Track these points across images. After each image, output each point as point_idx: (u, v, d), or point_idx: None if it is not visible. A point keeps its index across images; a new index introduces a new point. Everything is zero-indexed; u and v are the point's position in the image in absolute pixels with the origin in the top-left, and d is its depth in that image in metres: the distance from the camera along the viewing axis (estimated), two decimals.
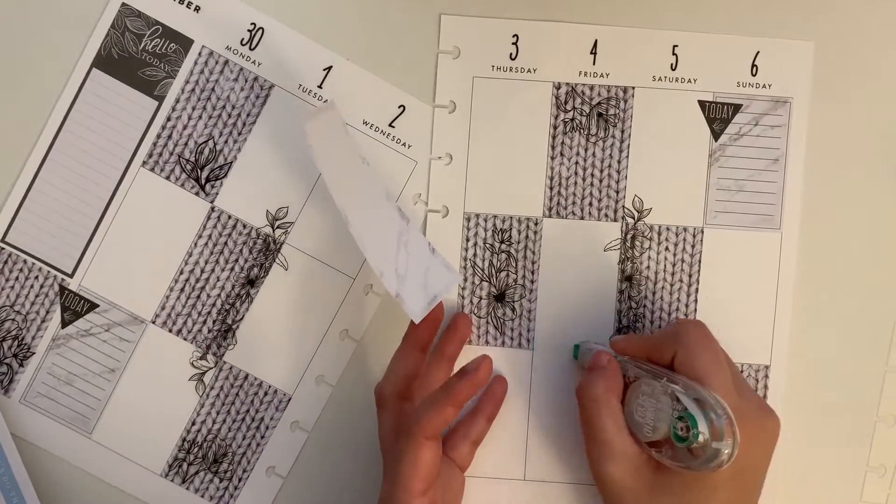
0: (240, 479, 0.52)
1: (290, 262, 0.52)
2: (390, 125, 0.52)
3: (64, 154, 0.52)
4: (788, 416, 0.51)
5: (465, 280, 0.52)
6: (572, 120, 0.51)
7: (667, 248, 0.51)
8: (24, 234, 0.52)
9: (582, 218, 0.51)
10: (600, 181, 0.51)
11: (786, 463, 0.52)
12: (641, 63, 0.51)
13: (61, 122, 0.52)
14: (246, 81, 0.52)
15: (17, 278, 0.52)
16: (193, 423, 0.52)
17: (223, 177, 0.52)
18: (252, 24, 0.51)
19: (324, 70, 0.52)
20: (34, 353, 0.52)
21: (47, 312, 0.52)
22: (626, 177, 0.51)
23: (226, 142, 0.52)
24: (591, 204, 0.51)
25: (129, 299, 0.52)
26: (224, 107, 0.52)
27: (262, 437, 0.52)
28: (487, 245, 0.51)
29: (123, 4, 0.51)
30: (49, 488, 0.52)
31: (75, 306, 0.52)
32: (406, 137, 0.52)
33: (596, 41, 0.51)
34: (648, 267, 0.51)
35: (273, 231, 0.52)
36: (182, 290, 0.52)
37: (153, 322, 0.52)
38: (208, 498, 0.52)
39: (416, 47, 0.51)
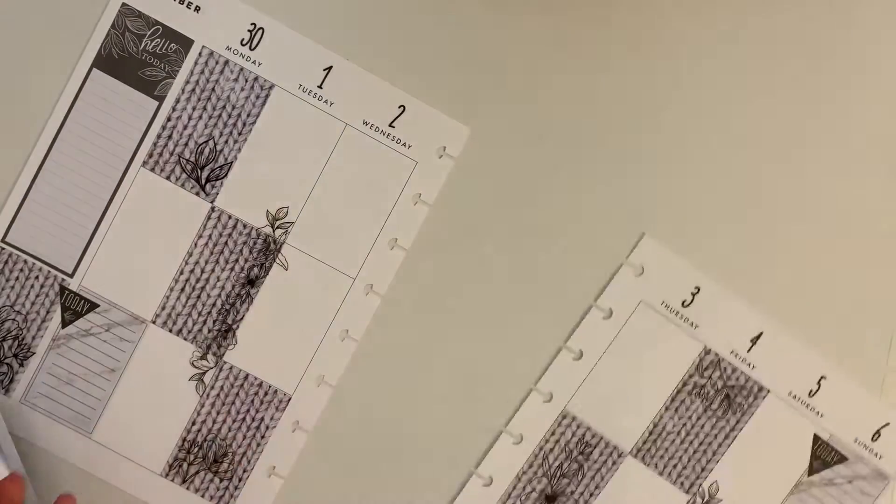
0: (240, 479, 0.52)
1: (290, 262, 0.52)
2: (390, 125, 0.52)
3: (64, 154, 0.52)
4: None
5: (529, 463, 0.52)
6: (702, 387, 0.51)
7: None
8: (24, 234, 0.52)
9: (661, 475, 0.51)
10: (693, 452, 0.51)
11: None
12: (790, 373, 0.51)
13: (61, 122, 0.52)
14: (246, 81, 0.52)
15: (17, 278, 0.52)
16: (193, 423, 0.52)
17: (223, 177, 0.52)
18: (252, 24, 0.52)
19: (324, 70, 0.52)
20: (34, 353, 0.52)
21: (47, 312, 0.52)
22: (717, 461, 0.51)
23: (226, 142, 0.52)
24: (675, 466, 0.51)
25: (129, 299, 0.52)
26: (224, 107, 0.52)
27: (263, 437, 0.52)
28: (567, 449, 0.52)
29: (123, 4, 0.51)
30: (49, 488, 0.52)
31: (75, 306, 0.52)
32: (406, 137, 0.52)
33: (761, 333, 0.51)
34: None
35: (273, 231, 0.52)
36: (182, 290, 0.52)
37: (153, 322, 0.52)
38: (208, 498, 0.52)
39: (416, 47, 0.51)
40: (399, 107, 0.52)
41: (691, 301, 0.50)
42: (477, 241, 0.52)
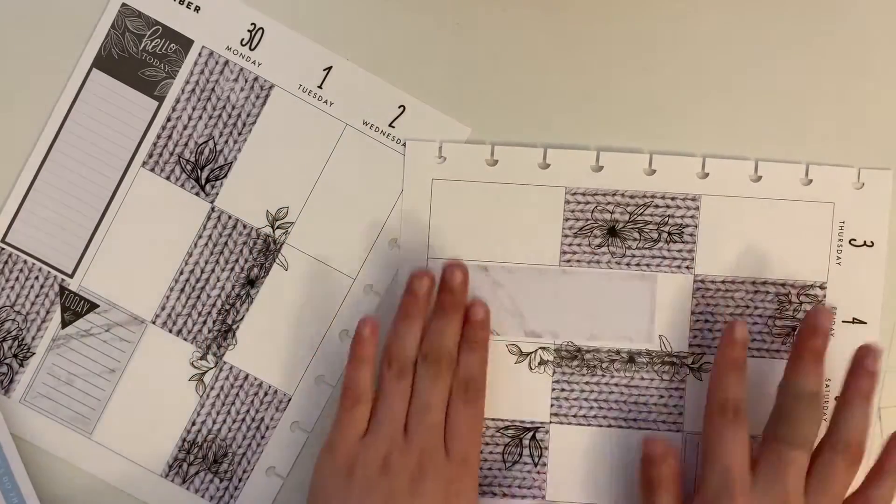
0: (240, 480, 0.52)
1: (290, 262, 0.52)
2: (390, 125, 0.52)
3: (64, 154, 0.52)
4: None
5: None
6: None
7: None
8: (24, 234, 0.52)
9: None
10: None
11: None
12: None
13: (61, 122, 0.52)
14: (246, 81, 0.52)
15: (17, 278, 0.52)
16: (193, 424, 0.52)
17: (223, 177, 0.52)
18: (252, 24, 0.52)
19: (324, 70, 0.52)
20: (34, 354, 0.52)
21: (47, 312, 0.52)
22: None
23: (226, 142, 0.52)
24: None
25: (129, 299, 0.52)
26: (224, 107, 0.52)
27: (262, 438, 0.52)
28: None
29: (123, 4, 0.51)
30: (49, 488, 0.52)
31: (75, 306, 0.52)
32: (406, 137, 0.52)
33: None
34: None
35: (273, 231, 0.52)
36: (182, 290, 0.52)
37: (153, 322, 0.52)
38: (208, 498, 0.52)
39: (416, 47, 0.51)
40: (399, 107, 0.52)
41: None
42: None
